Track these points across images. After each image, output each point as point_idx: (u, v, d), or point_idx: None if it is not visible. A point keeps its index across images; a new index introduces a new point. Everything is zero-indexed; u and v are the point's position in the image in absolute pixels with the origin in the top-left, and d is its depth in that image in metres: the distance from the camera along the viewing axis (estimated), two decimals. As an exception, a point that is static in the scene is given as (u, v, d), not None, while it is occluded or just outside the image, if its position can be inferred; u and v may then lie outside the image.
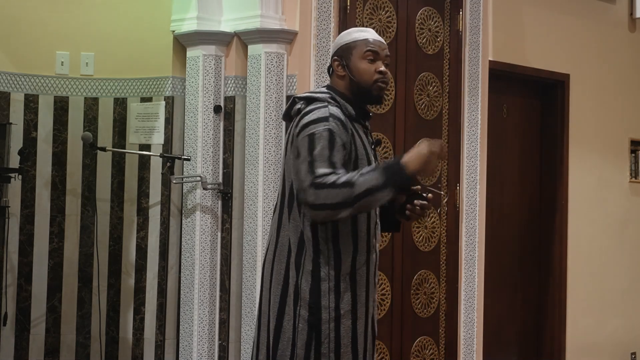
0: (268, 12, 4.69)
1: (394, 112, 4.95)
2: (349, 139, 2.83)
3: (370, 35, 2.99)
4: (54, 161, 5.04)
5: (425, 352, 5.11)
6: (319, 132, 2.78)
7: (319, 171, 2.73)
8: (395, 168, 2.72)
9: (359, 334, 2.87)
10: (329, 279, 2.83)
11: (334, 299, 2.83)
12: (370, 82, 2.93)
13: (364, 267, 2.90)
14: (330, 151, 2.76)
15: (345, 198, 2.69)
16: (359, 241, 2.88)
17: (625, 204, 6.82)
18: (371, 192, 2.69)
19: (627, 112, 6.84)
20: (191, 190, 4.83)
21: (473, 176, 5.29)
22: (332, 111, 2.83)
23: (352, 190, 2.68)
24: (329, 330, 2.82)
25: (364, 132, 2.96)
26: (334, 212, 2.72)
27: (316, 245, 2.84)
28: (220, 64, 4.83)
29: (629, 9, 6.83)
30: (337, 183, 2.69)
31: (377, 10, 4.88)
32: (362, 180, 2.69)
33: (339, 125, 2.81)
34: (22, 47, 5.02)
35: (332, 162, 2.75)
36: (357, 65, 2.94)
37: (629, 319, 6.84)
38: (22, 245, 4.96)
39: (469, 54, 5.27)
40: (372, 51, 2.93)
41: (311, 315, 2.82)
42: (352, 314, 2.85)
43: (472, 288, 5.28)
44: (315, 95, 2.93)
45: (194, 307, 4.77)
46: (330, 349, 2.82)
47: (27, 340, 4.98)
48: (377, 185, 2.69)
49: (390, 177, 2.70)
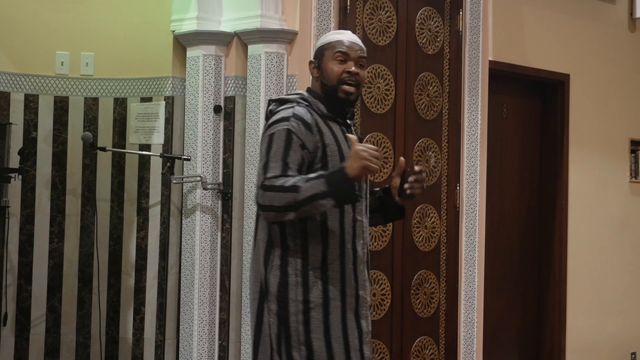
0: (268, 12, 4.69)
1: (394, 112, 4.95)
2: (313, 138, 2.88)
3: (345, 37, 3.03)
4: (54, 161, 5.04)
5: (425, 352, 5.11)
6: (277, 132, 2.86)
7: (269, 173, 2.80)
8: (338, 175, 2.77)
9: (333, 327, 2.89)
10: (296, 273, 2.88)
11: (302, 292, 2.88)
12: (336, 82, 2.97)
13: (336, 261, 2.92)
14: (285, 151, 2.83)
15: (290, 202, 2.75)
16: (330, 236, 2.91)
17: (625, 203, 6.82)
18: (314, 199, 2.75)
19: (627, 112, 6.85)
20: (191, 190, 4.83)
21: (473, 176, 5.29)
22: (295, 111, 2.90)
23: (296, 196, 2.74)
24: (298, 322, 2.87)
25: (341, 130, 3.00)
26: (279, 214, 2.79)
27: (284, 241, 2.90)
28: (220, 64, 4.83)
29: (629, 9, 6.84)
30: (284, 186, 2.76)
31: (377, 10, 4.88)
32: (307, 186, 2.75)
33: (299, 125, 2.86)
34: (22, 47, 5.02)
35: (286, 162, 2.82)
36: (326, 66, 2.99)
37: (628, 318, 6.84)
38: (22, 245, 4.96)
39: (469, 54, 5.27)
40: (341, 52, 2.98)
41: (280, 309, 2.88)
42: (323, 307, 2.88)
43: (472, 288, 5.28)
44: (286, 97, 3.01)
45: (194, 307, 4.77)
46: (300, 342, 2.87)
47: (27, 340, 4.98)
48: (319, 193, 2.74)
49: (333, 185, 2.75)
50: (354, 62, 2.99)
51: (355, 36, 3.09)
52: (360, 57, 3.00)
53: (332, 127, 2.96)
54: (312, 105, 2.96)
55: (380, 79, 4.89)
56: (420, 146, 5.06)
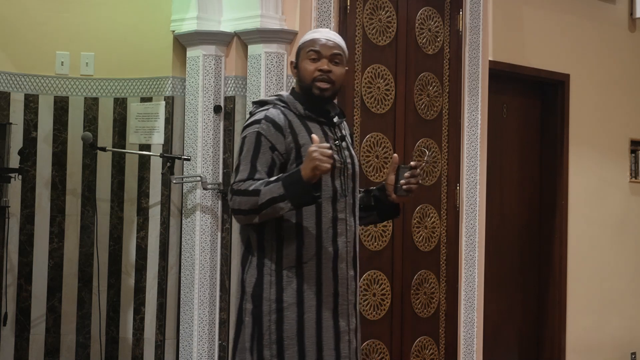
0: (268, 12, 4.69)
1: (394, 112, 4.95)
2: (285, 139, 2.91)
3: (320, 35, 3.04)
4: (54, 161, 5.04)
5: (425, 352, 5.11)
6: (248, 135, 2.92)
7: (238, 176, 2.88)
8: (293, 178, 2.80)
9: (306, 327, 2.90)
10: (271, 273, 2.90)
11: (276, 291, 2.90)
12: (309, 80, 2.99)
13: (312, 260, 2.92)
14: (254, 154, 2.89)
15: (252, 206, 2.82)
16: (305, 235, 2.92)
17: (625, 203, 6.82)
18: (273, 202, 2.80)
19: (627, 112, 6.85)
20: (191, 190, 4.83)
21: (473, 176, 5.29)
22: (268, 113, 2.94)
23: (257, 199, 2.81)
24: (270, 322, 2.89)
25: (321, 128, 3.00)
26: (246, 217, 2.86)
27: (260, 242, 2.93)
28: (220, 64, 4.83)
29: (629, 8, 6.84)
30: (248, 190, 2.83)
31: (377, 10, 4.88)
32: (265, 190, 2.81)
33: (269, 127, 2.90)
34: (22, 47, 5.02)
35: (254, 165, 2.87)
36: (302, 65, 3.02)
37: (628, 318, 6.84)
38: (22, 245, 4.96)
39: (469, 54, 5.27)
40: (314, 50, 2.99)
41: (254, 308, 2.91)
42: (297, 306, 2.89)
43: (472, 288, 5.28)
44: (266, 99, 3.05)
45: (194, 307, 4.77)
46: (272, 341, 2.88)
47: (27, 340, 4.98)
48: (277, 196, 2.80)
49: (289, 188, 2.79)
50: (327, 59, 2.98)
51: (333, 33, 3.09)
52: (335, 54, 3.00)
53: (310, 127, 2.98)
54: (289, 105, 2.99)
55: (380, 79, 4.89)
56: (420, 146, 5.06)
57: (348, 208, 3.02)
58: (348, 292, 3.00)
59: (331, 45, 3.00)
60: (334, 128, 3.05)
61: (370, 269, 4.86)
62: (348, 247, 3.01)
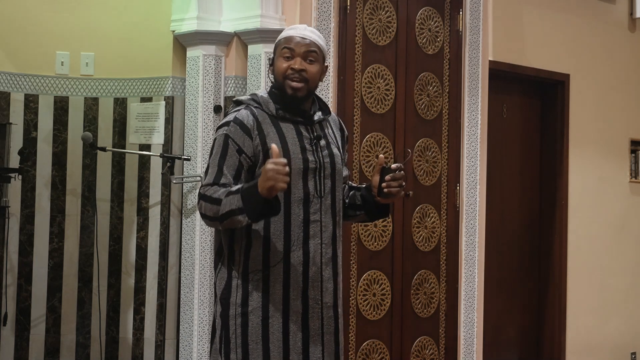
0: (268, 12, 4.69)
1: (393, 112, 4.95)
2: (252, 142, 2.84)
3: (295, 32, 2.94)
4: (54, 161, 5.04)
5: (425, 352, 5.11)
6: (217, 137, 2.89)
7: (205, 180, 2.87)
8: (251, 191, 2.73)
9: (271, 331, 2.87)
10: (237, 277, 2.89)
11: (242, 295, 2.88)
12: (281, 79, 2.90)
13: (280, 264, 2.87)
14: (222, 157, 2.85)
15: (214, 214, 2.80)
16: (272, 239, 2.86)
17: (625, 203, 6.82)
18: (232, 214, 2.76)
19: (627, 112, 6.84)
20: (191, 190, 4.83)
21: (473, 176, 5.29)
22: (238, 115, 2.89)
23: (218, 209, 2.78)
24: (236, 325, 2.88)
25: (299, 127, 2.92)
26: (212, 222, 2.85)
27: (230, 245, 2.91)
28: (220, 64, 4.83)
29: (629, 8, 6.84)
30: (212, 198, 2.80)
31: (377, 10, 4.88)
32: (226, 201, 2.77)
33: (237, 129, 2.85)
34: (22, 47, 5.02)
35: (221, 168, 2.84)
36: (276, 64, 2.94)
37: (629, 318, 6.84)
38: (22, 245, 4.97)
39: (469, 54, 5.27)
40: (287, 48, 2.90)
41: (223, 311, 2.91)
42: (262, 310, 2.86)
43: (472, 288, 5.28)
44: (240, 99, 3.00)
45: (194, 307, 4.77)
46: (237, 344, 2.87)
47: (27, 340, 4.98)
48: (235, 208, 2.75)
49: (246, 201, 2.73)
50: (301, 57, 2.88)
51: (310, 30, 2.96)
52: (309, 51, 2.90)
53: (282, 127, 2.90)
54: (262, 105, 2.91)
55: (380, 79, 4.89)
56: (420, 146, 5.06)
57: (324, 208, 2.93)
58: (322, 294, 2.93)
59: (306, 43, 2.90)
60: (312, 126, 2.96)
61: (370, 269, 4.86)
62: (323, 249, 2.93)
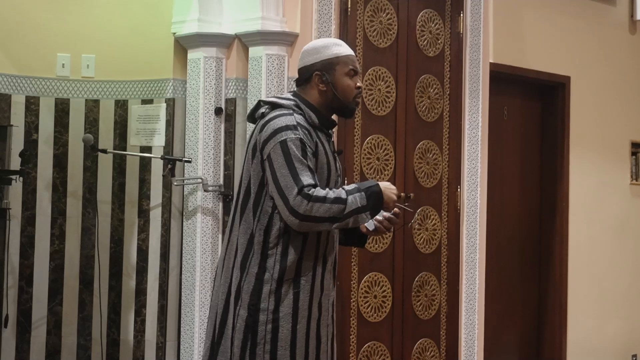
0: (269, 14, 4.70)
1: (394, 115, 4.96)
2: (314, 146, 2.92)
3: (349, 50, 3.10)
4: (55, 163, 5.04)
5: (426, 354, 5.11)
6: (291, 140, 2.86)
7: (305, 180, 2.82)
8: (378, 195, 2.88)
9: (298, 338, 2.90)
10: (271, 282, 2.88)
11: (274, 302, 2.88)
12: (351, 98, 3.05)
13: (309, 272, 2.93)
14: (304, 158, 2.86)
15: (337, 214, 2.81)
16: (307, 247, 2.92)
17: (625, 206, 6.83)
18: (358, 212, 2.85)
19: (628, 114, 6.85)
20: (192, 192, 4.83)
21: (474, 178, 5.29)
22: (298, 119, 2.92)
23: (343, 208, 2.81)
24: (266, 332, 2.87)
25: (326, 140, 3.03)
26: (318, 225, 2.83)
27: (264, 250, 2.90)
28: (221, 66, 4.84)
29: (630, 11, 6.84)
30: (329, 198, 2.81)
31: (377, 13, 4.88)
32: (352, 199, 2.84)
33: (306, 135, 2.90)
34: (23, 49, 5.02)
35: (310, 168, 2.86)
36: (341, 81, 3.03)
37: (629, 321, 6.84)
38: (23, 247, 4.96)
39: (469, 56, 5.27)
40: (354, 70, 3.06)
41: (249, 316, 2.89)
42: (292, 317, 2.89)
43: (473, 290, 5.28)
44: (280, 102, 3.00)
45: (195, 309, 4.77)
46: (266, 351, 2.87)
47: (28, 342, 4.98)
48: (363, 206, 2.85)
49: (374, 201, 2.86)
50: (358, 75, 3.08)
51: None
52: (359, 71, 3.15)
53: (321, 137, 2.99)
54: (304, 114, 2.98)
55: (381, 81, 4.89)
56: (421, 148, 5.06)
57: None
58: (329, 302, 3.02)
59: (357, 61, 3.11)
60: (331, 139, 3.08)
61: (371, 271, 4.86)
62: (333, 257, 3.05)
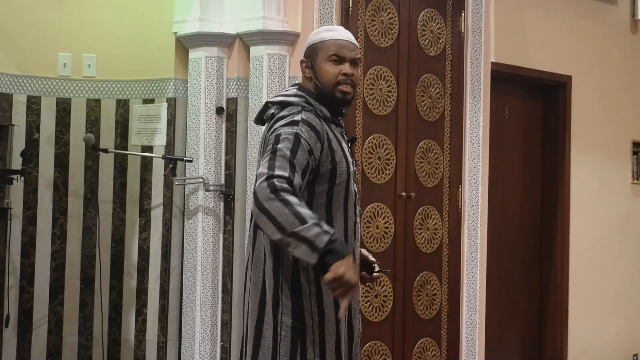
0: (270, 14, 4.70)
1: (395, 114, 4.96)
2: (320, 145, 2.77)
3: (339, 35, 2.92)
4: (56, 163, 5.04)
5: (427, 353, 5.11)
6: (286, 134, 2.72)
7: (278, 170, 2.63)
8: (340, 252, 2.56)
9: (341, 334, 2.84)
10: (309, 283, 2.77)
11: (317, 302, 2.78)
12: (332, 84, 2.86)
13: None
14: (292, 153, 2.68)
15: (288, 226, 2.56)
16: None
17: (627, 205, 6.82)
18: (307, 245, 2.55)
19: (629, 114, 6.85)
20: (193, 191, 4.83)
21: (475, 178, 5.29)
22: (304, 116, 2.78)
23: (298, 226, 2.55)
24: (314, 335, 2.78)
25: (340, 131, 2.92)
26: (267, 224, 2.59)
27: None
28: (222, 66, 4.84)
29: (631, 10, 6.84)
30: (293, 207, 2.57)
31: (379, 12, 4.88)
32: (315, 230, 2.55)
33: (309, 131, 2.74)
34: (24, 48, 5.03)
35: (292, 163, 2.66)
36: (321, 67, 2.88)
37: (630, 320, 6.84)
38: (24, 247, 4.97)
39: (471, 56, 5.27)
40: (337, 55, 2.87)
41: (295, 321, 2.77)
42: (335, 315, 2.80)
43: (474, 289, 5.28)
44: (289, 100, 2.88)
45: (196, 308, 4.77)
46: (316, 354, 2.79)
47: (29, 341, 4.98)
48: (317, 247, 2.55)
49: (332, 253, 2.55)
50: (348, 62, 2.88)
51: (349, 33, 2.96)
52: (356, 57, 2.90)
53: (334, 131, 2.88)
54: (315, 109, 2.85)
55: (382, 80, 4.89)
56: (422, 147, 5.06)
57: (358, 210, 2.94)
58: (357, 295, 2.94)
59: (352, 48, 2.90)
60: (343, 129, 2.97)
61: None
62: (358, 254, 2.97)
